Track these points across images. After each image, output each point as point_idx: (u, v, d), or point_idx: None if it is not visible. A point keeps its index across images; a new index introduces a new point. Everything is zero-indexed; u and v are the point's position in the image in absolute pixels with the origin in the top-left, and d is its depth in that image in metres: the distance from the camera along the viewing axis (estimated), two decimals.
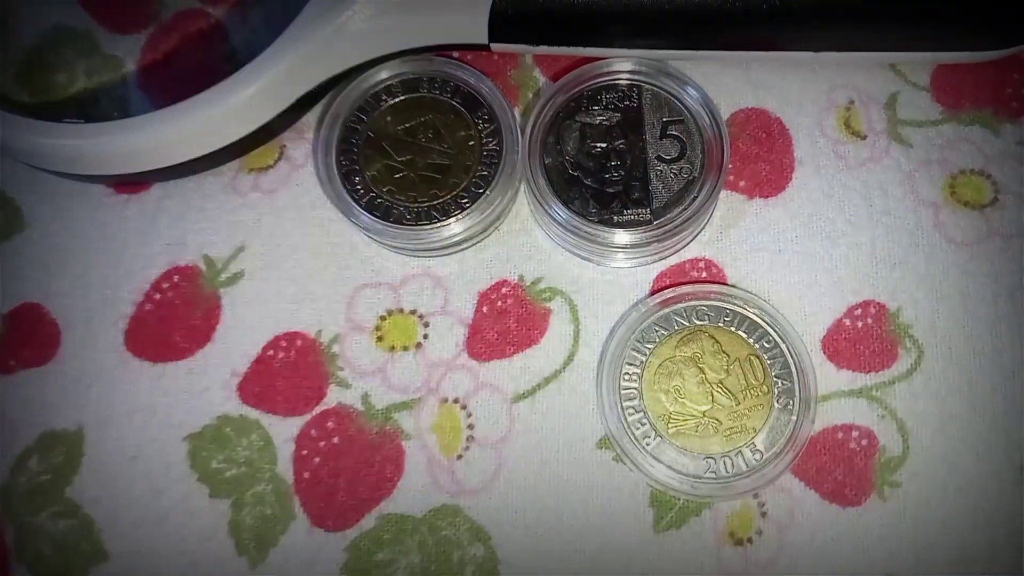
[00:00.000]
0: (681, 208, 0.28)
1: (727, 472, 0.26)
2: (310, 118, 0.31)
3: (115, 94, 0.32)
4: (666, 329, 0.27)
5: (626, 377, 0.27)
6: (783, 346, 0.27)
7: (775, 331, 0.27)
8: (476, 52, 0.31)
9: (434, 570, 0.26)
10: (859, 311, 0.28)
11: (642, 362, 0.27)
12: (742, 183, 0.30)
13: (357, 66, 0.29)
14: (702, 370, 0.27)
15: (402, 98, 0.29)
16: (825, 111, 0.30)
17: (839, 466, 0.26)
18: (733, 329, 0.27)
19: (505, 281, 0.29)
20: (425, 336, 0.28)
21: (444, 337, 0.28)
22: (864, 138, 0.30)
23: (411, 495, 0.27)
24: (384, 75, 0.30)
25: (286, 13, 0.28)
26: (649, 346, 0.27)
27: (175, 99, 0.28)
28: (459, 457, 0.27)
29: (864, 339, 0.27)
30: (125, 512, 0.27)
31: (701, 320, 0.27)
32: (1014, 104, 0.30)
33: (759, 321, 0.27)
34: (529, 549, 0.26)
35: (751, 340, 0.27)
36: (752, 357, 0.27)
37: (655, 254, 0.28)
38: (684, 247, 0.29)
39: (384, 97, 0.29)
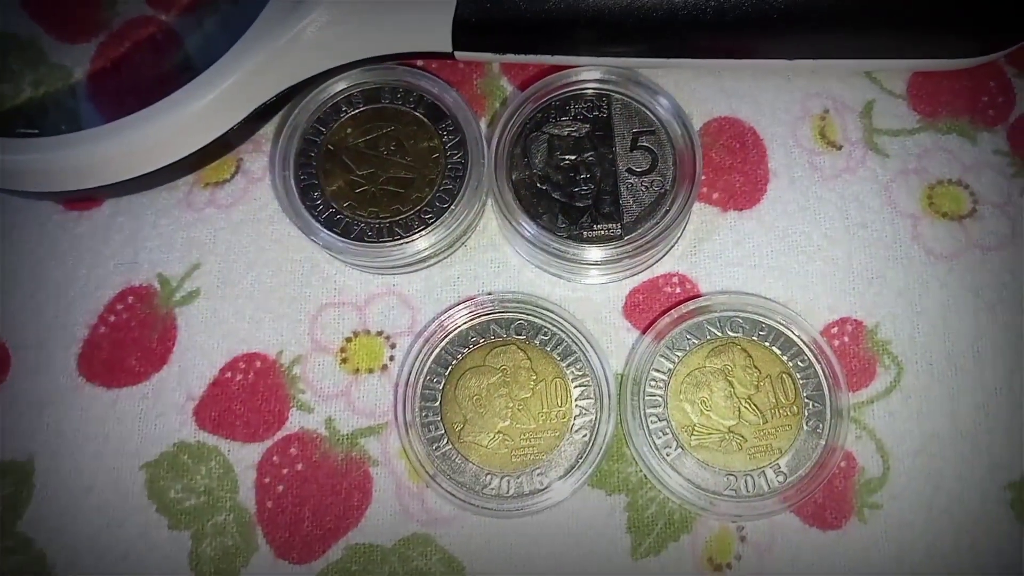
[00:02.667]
0: (653, 222, 0.27)
1: (748, 491, 0.25)
2: (268, 130, 0.30)
3: (64, 106, 0.30)
4: (697, 338, 0.26)
5: (652, 384, 0.26)
6: (818, 367, 0.26)
7: (811, 351, 0.26)
8: (440, 61, 0.30)
9: None
10: (836, 328, 0.27)
11: (670, 370, 0.26)
12: (715, 195, 0.29)
13: (316, 75, 0.28)
14: (731, 384, 0.26)
15: (363, 109, 0.28)
16: (800, 120, 0.29)
17: (819, 488, 0.26)
18: (767, 344, 0.26)
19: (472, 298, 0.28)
20: (391, 358, 0.27)
21: (411, 358, 0.27)
22: (840, 148, 0.29)
23: (380, 524, 0.26)
24: (344, 85, 0.28)
25: (242, 19, 0.27)
26: (679, 354, 0.26)
27: (127, 111, 0.26)
28: (428, 485, 0.26)
29: (841, 357, 0.26)
30: (81, 546, 0.26)
31: (735, 332, 0.26)
32: (991, 112, 0.29)
33: (795, 338, 0.26)
34: None
35: (785, 357, 0.26)
36: (784, 375, 0.26)
37: (627, 270, 0.28)
38: (657, 262, 0.28)
39: (344, 108, 0.28)
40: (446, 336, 0.27)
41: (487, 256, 0.28)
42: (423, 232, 0.27)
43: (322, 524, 0.26)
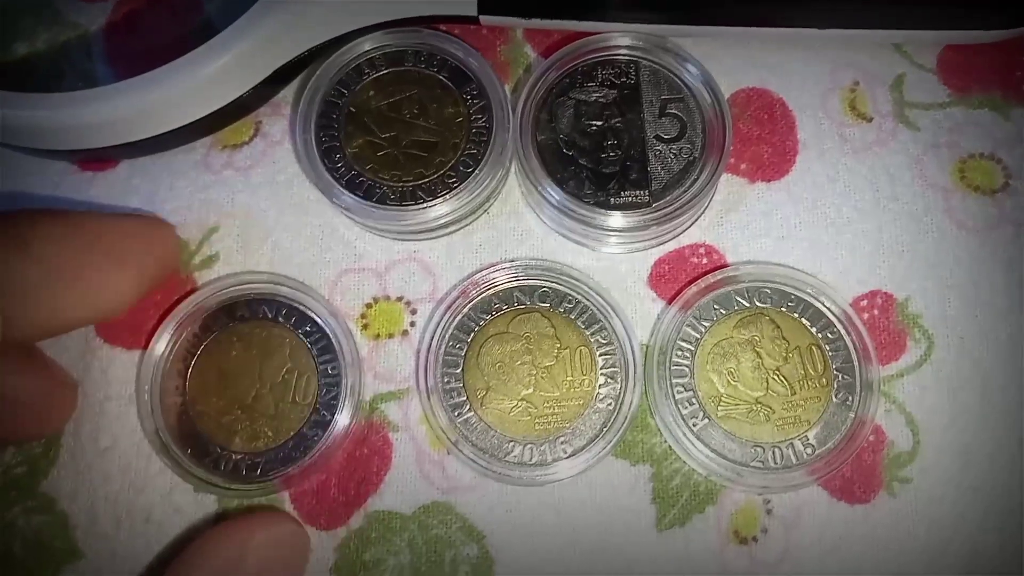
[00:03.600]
0: (681, 190, 0.26)
1: (775, 463, 0.25)
2: (287, 92, 0.29)
3: (79, 65, 0.30)
4: (725, 308, 0.26)
5: (678, 354, 0.25)
6: (847, 339, 0.25)
7: (841, 323, 0.25)
8: (464, 25, 0.29)
9: (424, 571, 0.25)
10: (865, 301, 0.27)
11: (696, 340, 0.26)
12: (743, 166, 0.28)
13: (338, 37, 0.27)
14: (759, 355, 0.25)
15: (386, 72, 0.28)
16: (829, 92, 0.29)
17: (848, 461, 0.25)
18: (796, 316, 0.26)
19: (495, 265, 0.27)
20: (412, 324, 0.27)
21: (432, 324, 0.27)
22: (870, 120, 0.29)
23: (399, 491, 0.25)
24: (367, 47, 0.28)
25: None
26: (706, 324, 0.26)
27: (143, 70, 0.26)
28: (449, 451, 0.25)
29: (871, 330, 0.26)
30: (103, 508, 0.25)
31: (763, 303, 0.26)
32: None
33: (824, 310, 0.26)
34: (525, 549, 0.25)
35: (814, 329, 0.25)
36: (813, 347, 0.25)
37: (653, 239, 0.27)
38: (683, 232, 0.27)
39: (367, 70, 0.28)
40: (469, 302, 0.26)
41: (510, 224, 0.28)
42: (446, 196, 0.26)
43: (345, 490, 0.25)
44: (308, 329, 0.26)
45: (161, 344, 0.26)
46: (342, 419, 0.25)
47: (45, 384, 0.25)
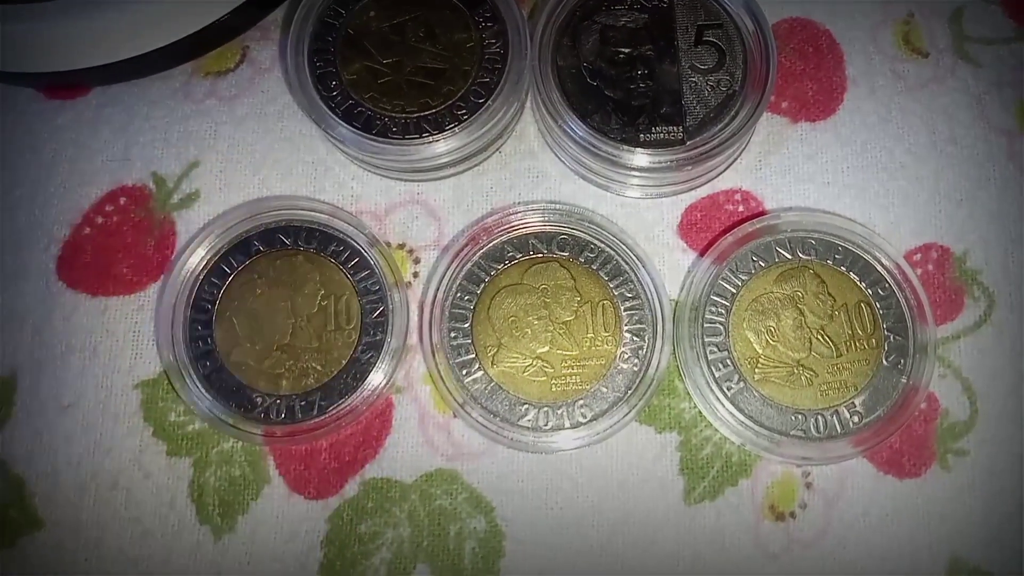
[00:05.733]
0: (719, 127, 0.23)
1: (818, 432, 0.22)
2: (278, 15, 0.26)
3: None
4: (764, 261, 0.23)
5: (712, 310, 0.23)
6: (900, 297, 0.23)
7: (893, 279, 0.23)
8: None
9: (426, 545, 0.22)
10: (919, 255, 0.24)
11: (732, 295, 0.23)
12: (785, 104, 0.25)
13: None
14: (802, 312, 0.23)
15: None
16: (881, 24, 0.26)
17: (898, 431, 0.23)
18: (843, 270, 0.23)
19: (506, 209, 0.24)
20: (415, 274, 0.24)
21: (438, 275, 0.24)
22: (926, 56, 0.26)
23: (400, 457, 0.23)
24: None
25: None
26: (743, 277, 0.23)
27: None
28: (456, 414, 0.23)
29: (925, 287, 0.23)
30: (64, 472, 0.23)
31: (807, 255, 0.23)
32: None
33: (875, 264, 0.23)
34: (538, 522, 0.22)
35: (863, 285, 0.23)
36: (862, 304, 0.23)
37: (685, 182, 0.24)
38: (718, 175, 0.25)
39: None
40: (478, 250, 0.24)
41: (524, 164, 0.25)
42: (455, 130, 0.23)
43: (339, 456, 0.23)
44: (336, 249, 0.23)
45: (169, 300, 0.23)
46: (395, 337, 0.23)
47: None
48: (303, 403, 0.23)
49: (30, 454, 0.23)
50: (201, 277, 0.23)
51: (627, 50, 0.24)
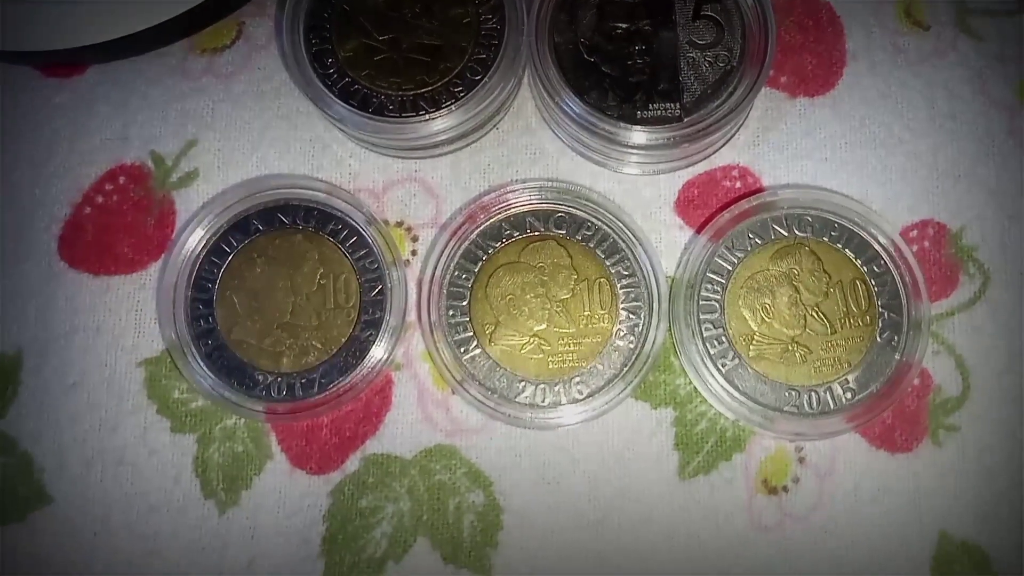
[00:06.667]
0: (717, 103, 0.23)
1: (811, 408, 0.22)
2: None
3: None
4: (760, 238, 0.23)
5: (707, 287, 0.23)
6: (895, 273, 0.23)
7: (888, 255, 0.23)
8: None
9: (426, 519, 0.23)
10: (915, 232, 0.24)
11: (728, 272, 0.23)
12: (783, 79, 0.25)
13: None
14: (797, 289, 0.23)
15: None
16: None
17: (891, 407, 0.23)
18: (839, 247, 0.23)
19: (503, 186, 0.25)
20: (413, 252, 0.24)
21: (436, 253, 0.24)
22: (927, 28, 0.25)
23: (400, 433, 0.23)
24: None
25: None
26: (739, 255, 0.23)
27: None
28: (454, 391, 0.23)
29: (921, 263, 0.23)
30: (71, 449, 0.23)
31: (803, 231, 0.23)
32: None
33: (871, 241, 0.23)
34: (536, 497, 0.23)
35: (859, 262, 0.23)
36: (857, 281, 0.23)
37: (682, 158, 0.24)
38: (715, 152, 0.25)
39: None
40: (476, 228, 0.24)
41: (522, 141, 0.25)
42: (452, 107, 0.23)
43: (340, 432, 0.23)
44: (335, 228, 0.24)
45: (170, 279, 0.23)
46: (394, 315, 0.23)
47: None
48: (304, 381, 0.23)
49: (38, 432, 0.23)
50: (201, 256, 0.24)
51: (625, 25, 0.24)
